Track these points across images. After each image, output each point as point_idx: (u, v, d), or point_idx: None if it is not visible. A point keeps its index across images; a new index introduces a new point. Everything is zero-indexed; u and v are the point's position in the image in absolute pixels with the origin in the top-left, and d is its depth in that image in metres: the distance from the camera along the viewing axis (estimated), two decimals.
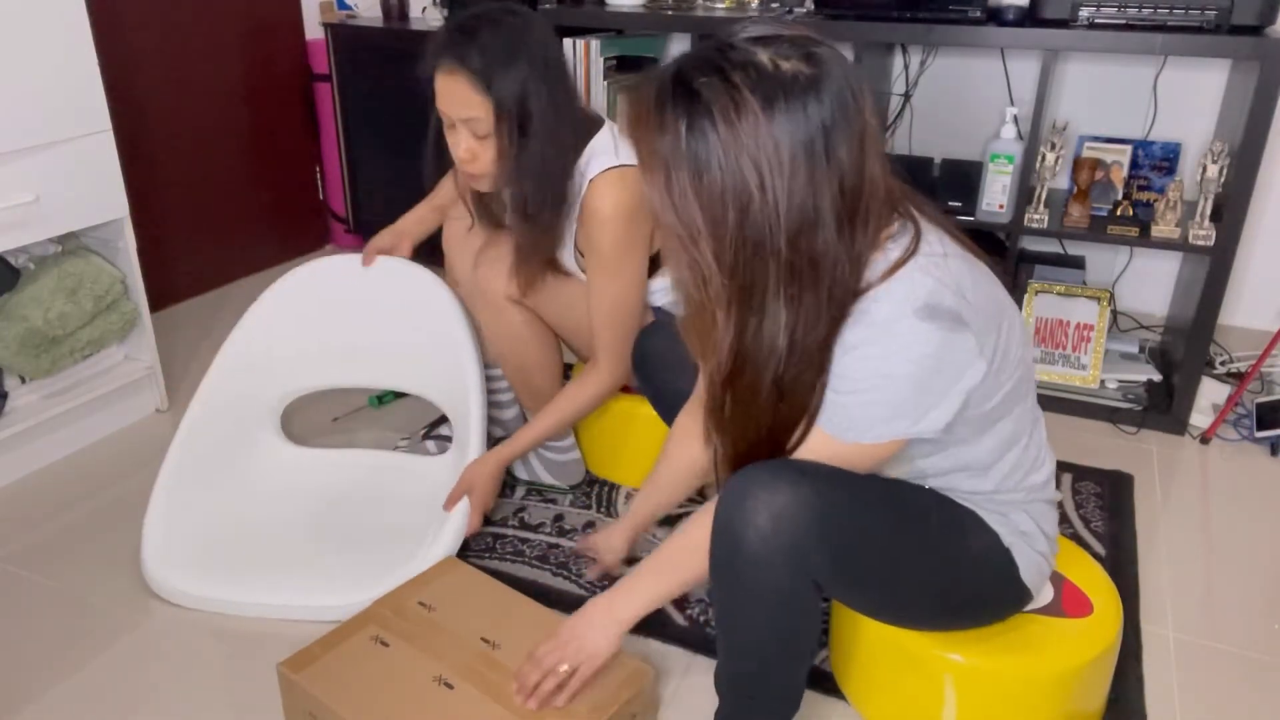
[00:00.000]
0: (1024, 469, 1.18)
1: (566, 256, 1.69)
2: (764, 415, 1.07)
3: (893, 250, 1.02)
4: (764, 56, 0.94)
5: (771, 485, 1.03)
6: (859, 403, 1.03)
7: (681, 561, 1.17)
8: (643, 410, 1.80)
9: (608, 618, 1.21)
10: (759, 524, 1.03)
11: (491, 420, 2.05)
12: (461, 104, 1.48)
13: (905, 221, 1.05)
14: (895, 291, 1.00)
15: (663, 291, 1.69)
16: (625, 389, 1.78)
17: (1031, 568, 1.20)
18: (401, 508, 1.78)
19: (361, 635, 1.34)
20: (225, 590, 1.57)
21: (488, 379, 2.01)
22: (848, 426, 1.05)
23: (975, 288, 1.03)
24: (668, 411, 1.58)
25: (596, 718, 1.21)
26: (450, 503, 1.66)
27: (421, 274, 1.84)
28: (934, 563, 1.15)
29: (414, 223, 1.89)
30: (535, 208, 1.56)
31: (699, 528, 1.13)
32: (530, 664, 1.22)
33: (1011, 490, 1.18)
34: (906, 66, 2.61)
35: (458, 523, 1.63)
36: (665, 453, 1.48)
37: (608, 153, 1.56)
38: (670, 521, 1.74)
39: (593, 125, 1.60)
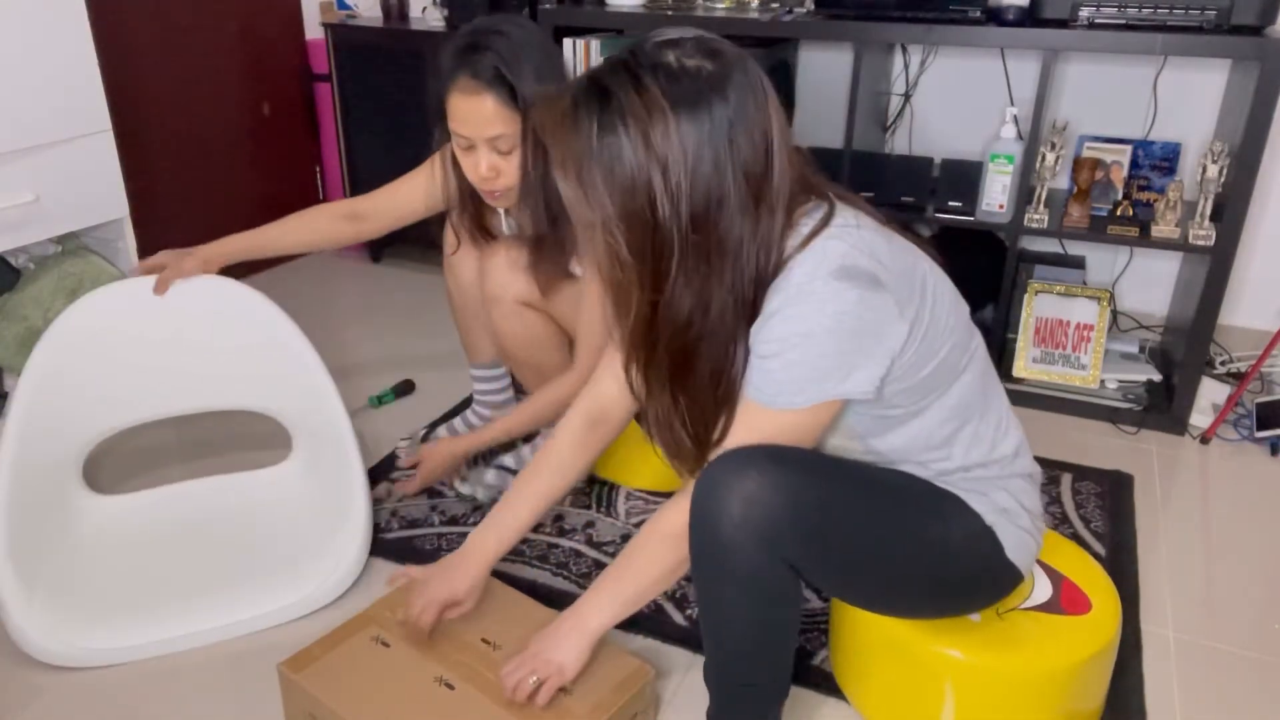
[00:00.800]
0: (987, 440, 1.19)
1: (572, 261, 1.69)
2: (676, 392, 1.12)
3: (805, 226, 1.06)
4: (670, 57, 0.99)
5: (742, 471, 1.05)
6: (783, 364, 1.05)
7: (656, 552, 1.16)
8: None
9: (576, 630, 1.21)
10: (731, 510, 1.04)
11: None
12: (487, 123, 1.48)
13: (820, 202, 1.09)
14: (810, 258, 1.04)
15: None
16: None
17: (1017, 546, 1.20)
18: (276, 515, 1.74)
19: (362, 635, 1.34)
20: (144, 633, 1.48)
21: (483, 381, 2.01)
22: (776, 392, 1.07)
23: (891, 255, 1.08)
24: None
25: (596, 718, 1.21)
26: (408, 461, 1.79)
27: (236, 288, 1.67)
28: (912, 543, 1.15)
29: (218, 252, 1.69)
30: (556, 215, 1.56)
31: (674, 515, 1.13)
32: (504, 676, 1.23)
33: (982, 465, 1.18)
34: (906, 66, 2.62)
35: (361, 505, 1.64)
36: (536, 474, 1.36)
37: None
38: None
39: None
